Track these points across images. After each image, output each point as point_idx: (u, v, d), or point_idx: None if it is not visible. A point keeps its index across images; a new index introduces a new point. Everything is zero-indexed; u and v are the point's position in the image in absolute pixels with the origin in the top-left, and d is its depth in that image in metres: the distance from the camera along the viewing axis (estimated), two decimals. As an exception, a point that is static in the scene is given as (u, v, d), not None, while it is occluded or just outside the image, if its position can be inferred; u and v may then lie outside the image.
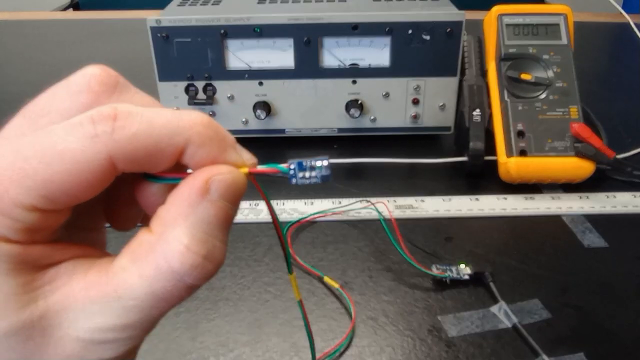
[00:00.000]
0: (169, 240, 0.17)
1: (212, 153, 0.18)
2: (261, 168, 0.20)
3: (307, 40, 0.60)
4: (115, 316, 0.17)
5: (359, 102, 0.62)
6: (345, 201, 0.54)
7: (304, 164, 0.20)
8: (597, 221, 0.52)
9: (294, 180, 0.20)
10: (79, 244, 0.19)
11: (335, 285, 0.44)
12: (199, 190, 0.18)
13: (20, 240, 0.17)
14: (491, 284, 0.44)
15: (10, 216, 0.16)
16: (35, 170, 0.16)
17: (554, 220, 0.52)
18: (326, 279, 0.44)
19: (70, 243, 0.19)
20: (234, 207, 0.18)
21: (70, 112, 0.18)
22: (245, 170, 0.19)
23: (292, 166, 0.20)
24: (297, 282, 0.24)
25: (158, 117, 0.18)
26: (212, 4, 0.65)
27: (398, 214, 0.53)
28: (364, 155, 0.61)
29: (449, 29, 0.59)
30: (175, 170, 0.19)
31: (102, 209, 0.21)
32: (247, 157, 0.20)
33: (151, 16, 0.59)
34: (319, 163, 0.20)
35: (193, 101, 0.62)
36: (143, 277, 0.17)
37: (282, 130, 0.65)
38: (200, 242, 0.17)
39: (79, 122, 0.17)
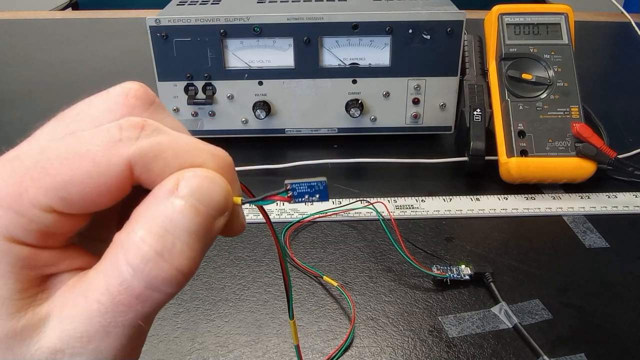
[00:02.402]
0: (129, 233, 0.17)
1: (228, 177, 0.18)
2: (258, 197, 0.20)
3: (307, 39, 0.59)
4: (80, 322, 0.17)
5: (359, 101, 0.62)
6: (345, 201, 0.54)
7: (303, 185, 0.20)
8: (598, 221, 0.52)
9: (292, 201, 0.20)
10: (87, 254, 0.19)
11: (334, 284, 0.44)
12: (167, 188, 0.17)
13: (32, 242, 0.17)
14: (492, 285, 0.43)
15: (26, 216, 0.16)
16: (56, 171, 0.16)
17: (555, 221, 0.52)
18: (325, 278, 0.44)
19: (80, 251, 0.19)
20: (207, 211, 0.17)
21: (103, 121, 0.18)
22: (238, 200, 0.19)
23: (289, 187, 0.20)
24: (296, 328, 0.24)
25: (183, 136, 0.18)
26: (212, 4, 0.65)
27: (398, 214, 0.53)
28: (364, 155, 0.61)
29: (449, 29, 0.59)
30: None
31: (115, 222, 0.21)
32: (237, 192, 0.20)
33: (150, 15, 0.58)
34: (314, 183, 0.20)
35: (192, 101, 0.62)
36: (106, 274, 0.17)
37: (282, 130, 0.64)
38: (156, 236, 0.16)
39: (106, 128, 0.17)
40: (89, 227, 0.19)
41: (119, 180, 0.17)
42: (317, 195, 0.20)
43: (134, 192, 0.18)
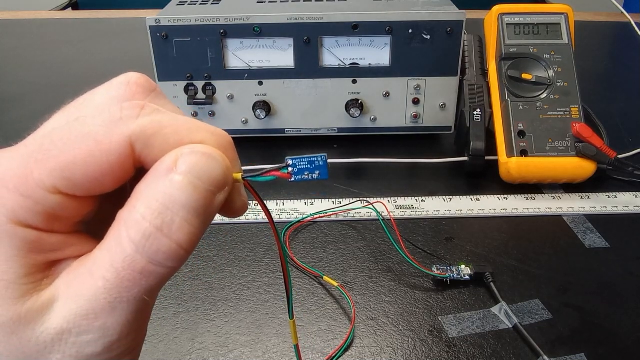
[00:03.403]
0: (130, 210, 0.17)
1: (228, 154, 0.19)
2: (266, 171, 0.20)
3: (307, 39, 0.59)
4: (86, 300, 0.17)
5: (359, 101, 0.62)
6: (345, 201, 0.54)
7: (303, 160, 0.20)
8: (598, 221, 0.52)
9: (292, 178, 0.20)
10: (94, 242, 0.19)
11: (334, 284, 0.44)
12: (166, 165, 0.17)
13: (39, 226, 0.17)
14: (492, 285, 0.43)
15: (32, 197, 0.16)
16: (60, 152, 0.17)
17: (555, 221, 0.52)
18: (325, 278, 0.44)
19: (87, 239, 0.19)
20: (206, 187, 0.17)
21: (106, 108, 0.19)
22: (239, 176, 0.19)
23: (289, 162, 0.20)
24: (296, 328, 0.25)
25: (182, 116, 0.19)
26: (212, 4, 0.65)
27: (398, 214, 0.53)
28: (364, 155, 0.61)
29: (449, 29, 0.59)
30: None
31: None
32: (238, 169, 0.20)
33: (150, 15, 0.58)
34: (314, 158, 0.20)
35: (193, 101, 0.62)
36: (110, 251, 0.17)
37: (282, 130, 0.64)
38: (156, 213, 0.17)
39: (108, 109, 0.18)
40: (99, 221, 0.19)
41: (121, 159, 0.17)
42: (317, 172, 0.20)
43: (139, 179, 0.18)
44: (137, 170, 0.18)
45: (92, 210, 0.18)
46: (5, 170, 0.17)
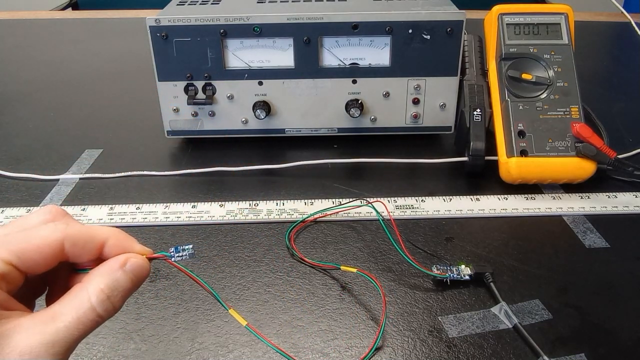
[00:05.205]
0: (97, 283, 0.28)
1: (125, 244, 0.29)
2: (154, 254, 0.30)
3: (307, 39, 0.59)
4: (50, 334, 0.26)
5: (359, 101, 0.62)
6: (345, 201, 0.54)
7: (179, 248, 0.31)
8: (598, 221, 0.52)
9: (173, 259, 0.31)
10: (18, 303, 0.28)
11: (353, 270, 0.44)
12: (119, 263, 0.28)
13: None
14: (492, 285, 0.43)
15: None
16: (18, 242, 0.27)
17: (555, 221, 0.52)
18: (343, 267, 0.45)
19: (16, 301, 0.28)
20: (138, 281, 0.29)
21: (38, 226, 0.29)
22: (145, 256, 0.30)
23: (171, 250, 0.31)
24: (237, 313, 0.32)
25: (90, 225, 0.29)
26: (212, 4, 0.65)
27: (398, 214, 0.53)
28: (364, 155, 0.61)
29: (449, 29, 0.59)
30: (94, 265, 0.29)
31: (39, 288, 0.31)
32: (146, 249, 0.30)
33: (150, 15, 0.58)
34: (186, 247, 0.31)
35: (192, 101, 0.62)
36: (74, 306, 0.27)
37: (282, 130, 0.64)
38: (109, 289, 0.27)
39: (45, 222, 0.29)
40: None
41: (56, 252, 0.27)
42: (187, 253, 0.31)
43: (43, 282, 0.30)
44: (58, 265, 0.28)
45: (22, 284, 0.27)
46: None
